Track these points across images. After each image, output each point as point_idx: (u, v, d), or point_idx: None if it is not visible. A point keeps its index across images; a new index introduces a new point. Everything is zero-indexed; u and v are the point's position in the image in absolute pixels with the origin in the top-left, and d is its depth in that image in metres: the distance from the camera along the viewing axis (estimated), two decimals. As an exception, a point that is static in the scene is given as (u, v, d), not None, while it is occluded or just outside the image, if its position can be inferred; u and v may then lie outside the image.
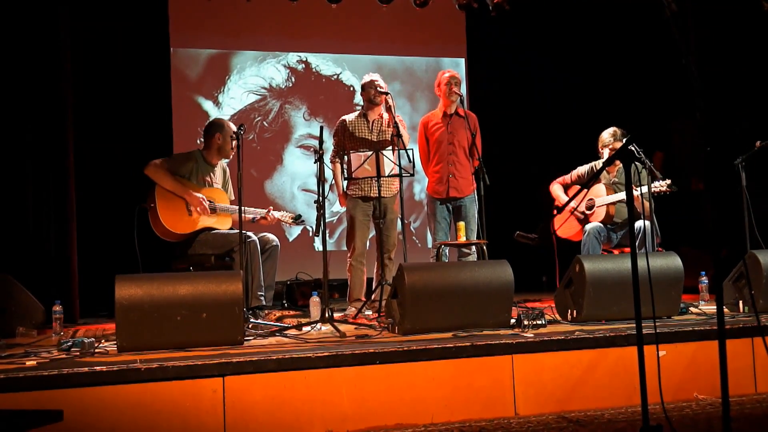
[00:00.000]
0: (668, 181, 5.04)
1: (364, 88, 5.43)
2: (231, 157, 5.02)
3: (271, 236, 4.93)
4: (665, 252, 4.44)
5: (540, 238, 3.96)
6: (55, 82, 5.85)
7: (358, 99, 7.43)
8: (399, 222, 5.35)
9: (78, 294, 5.84)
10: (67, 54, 5.94)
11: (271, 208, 5.06)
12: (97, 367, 3.09)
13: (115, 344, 3.59)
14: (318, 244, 7.43)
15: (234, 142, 4.81)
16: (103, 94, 6.82)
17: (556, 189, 5.68)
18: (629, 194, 2.75)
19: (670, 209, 6.05)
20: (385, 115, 5.40)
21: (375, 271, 5.42)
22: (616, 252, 5.46)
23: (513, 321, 4.02)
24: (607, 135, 5.46)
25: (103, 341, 3.90)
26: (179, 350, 3.50)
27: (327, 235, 4.39)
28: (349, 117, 5.49)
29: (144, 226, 4.67)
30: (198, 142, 6.74)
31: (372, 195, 5.32)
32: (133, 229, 4.53)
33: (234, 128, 4.86)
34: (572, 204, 5.46)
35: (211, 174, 5.00)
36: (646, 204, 5.03)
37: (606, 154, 5.45)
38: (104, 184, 6.72)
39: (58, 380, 3.01)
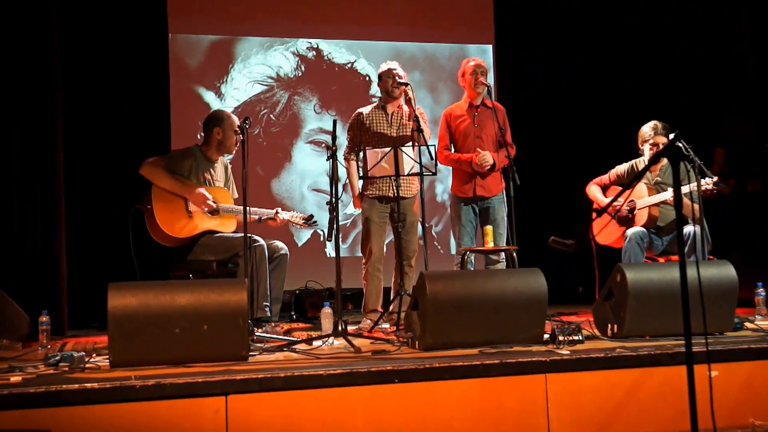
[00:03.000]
0: (714, 179, 5.00)
1: (382, 77, 5.43)
2: (234, 152, 5.03)
3: (279, 244, 4.93)
4: (717, 260, 4.41)
5: (577, 245, 3.93)
6: (43, 72, 5.87)
7: (375, 90, 7.47)
8: (420, 225, 5.34)
9: (67, 303, 5.86)
10: (56, 41, 5.98)
11: (279, 209, 5.08)
12: (88, 384, 3.09)
13: (107, 359, 3.59)
14: (330, 250, 7.44)
15: (237, 137, 4.84)
16: (96, 84, 6.85)
17: (594, 190, 5.66)
18: (677, 196, 2.72)
19: (722, 212, 5.99)
20: (405, 108, 5.40)
21: (393, 279, 5.43)
22: (661, 260, 5.42)
23: (546, 336, 4.01)
24: (647, 129, 5.43)
25: (94, 355, 3.90)
26: (178, 366, 3.50)
27: (340, 239, 4.38)
28: (366, 110, 5.49)
29: (140, 229, 4.68)
30: (198, 136, 6.77)
31: (390, 195, 5.31)
32: (128, 232, 4.55)
33: (237, 121, 4.88)
34: (612, 206, 5.42)
35: (212, 171, 5.01)
36: (696, 206, 4.99)
37: (647, 150, 5.43)
38: (96, 184, 6.76)
39: (45, 398, 3.02)
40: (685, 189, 4.95)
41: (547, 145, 7.80)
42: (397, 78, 5.30)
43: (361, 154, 5.29)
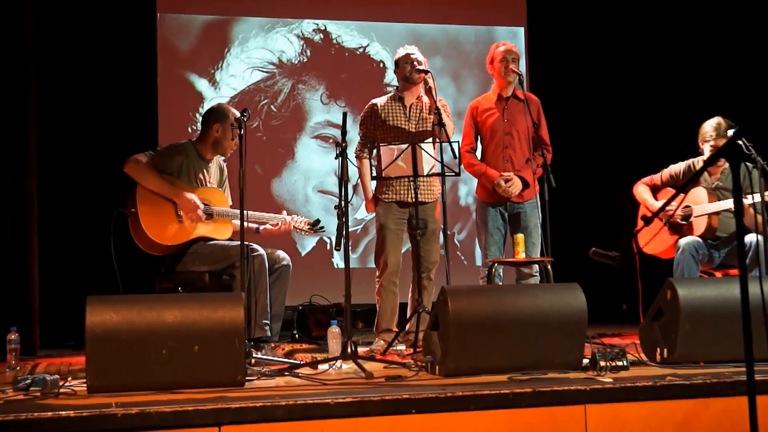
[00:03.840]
0: None
1: (398, 64, 5.45)
2: (229, 154, 5.06)
3: (281, 253, 4.95)
4: (783, 275, 4.39)
5: (622, 256, 3.92)
6: (14, 58, 5.91)
7: (391, 77, 7.49)
8: (441, 233, 5.35)
9: (39, 319, 5.90)
10: (30, 19, 6.00)
11: (285, 213, 5.09)
12: (63, 412, 3.09)
13: (84, 383, 3.59)
14: (338, 260, 7.45)
15: (234, 131, 4.83)
16: (74, 70, 6.94)
17: (643, 191, 5.65)
18: (737, 200, 2.72)
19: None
20: (425, 99, 5.41)
21: (410, 295, 5.45)
22: (718, 274, 5.41)
23: (586, 361, 4.00)
24: (709, 128, 5.42)
25: (69, 379, 3.90)
26: (165, 392, 3.50)
27: (350, 248, 4.39)
28: (380, 101, 5.52)
29: (123, 235, 4.72)
30: (189, 130, 6.81)
31: (408, 200, 5.34)
32: (109, 239, 4.59)
33: (237, 115, 4.89)
34: (664, 212, 5.40)
35: (205, 171, 5.05)
36: (759, 215, 4.97)
37: (707, 150, 5.43)
38: (74, 183, 6.86)
39: (14, 427, 3.02)
40: (747, 201, 4.93)
41: (588, 141, 7.80)
42: (416, 64, 5.32)
43: (375, 151, 5.31)
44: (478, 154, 5.61)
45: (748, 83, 7.15)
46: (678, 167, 5.64)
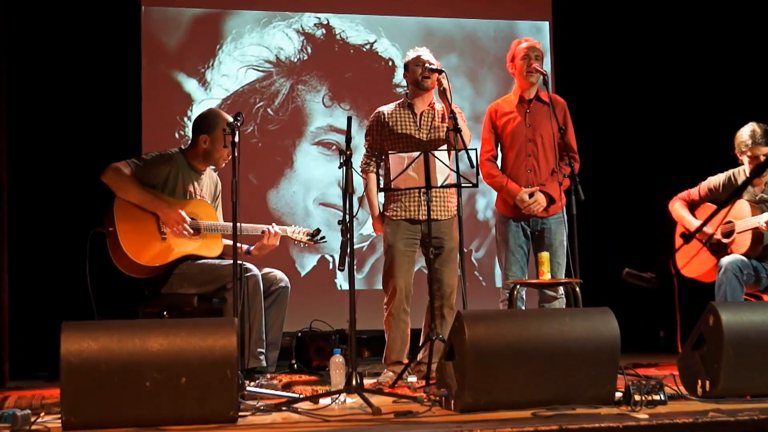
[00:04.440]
0: None
1: (408, 67, 5.48)
2: (222, 165, 5.05)
3: (278, 273, 4.95)
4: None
5: (658, 278, 3.91)
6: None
7: (400, 78, 7.47)
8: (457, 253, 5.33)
9: (8, 347, 5.89)
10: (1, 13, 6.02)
11: (274, 224, 5.08)
12: (35, 452, 3.11)
13: (59, 419, 3.57)
14: (342, 281, 7.44)
15: (227, 138, 4.78)
16: (48, 70, 6.93)
17: (680, 208, 5.64)
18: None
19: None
20: (438, 106, 5.41)
21: (423, 321, 5.43)
22: (766, 297, 5.37)
23: (619, 395, 3.97)
24: (744, 137, 5.43)
25: (42, 414, 3.91)
26: (148, 429, 3.49)
27: (355, 268, 4.38)
28: (387, 108, 5.54)
29: (101, 255, 4.72)
30: (177, 136, 6.81)
31: (419, 217, 5.33)
32: (85, 260, 4.57)
33: (230, 120, 4.87)
34: (705, 229, 5.36)
35: (195, 183, 5.04)
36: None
37: (747, 162, 5.42)
38: (47, 197, 6.86)
39: (-18, 469, 3.04)
40: None
41: (619, 149, 7.79)
42: (427, 65, 5.31)
43: (383, 163, 5.31)
44: (499, 162, 5.60)
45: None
46: (717, 179, 5.63)
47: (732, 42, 7.51)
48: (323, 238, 5.19)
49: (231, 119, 4.72)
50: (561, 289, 5.38)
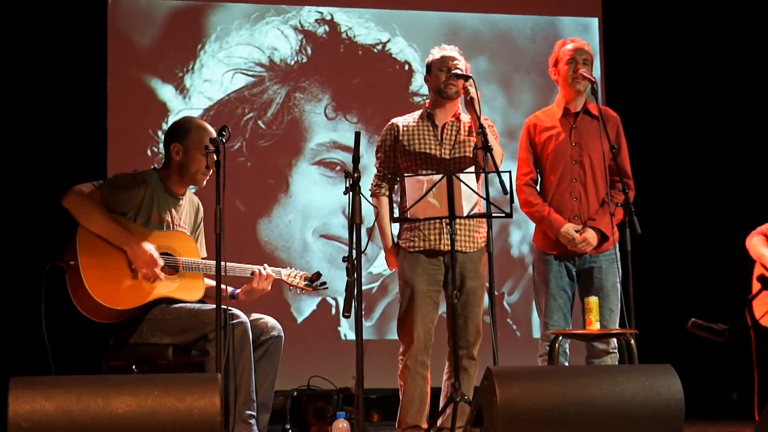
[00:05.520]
0: None
1: (431, 69, 5.36)
2: (203, 184, 5.03)
3: (270, 320, 4.86)
4: None
5: (731, 330, 3.89)
6: None
7: (418, 85, 7.50)
8: (486, 294, 5.32)
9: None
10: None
11: (266, 266, 5.06)
12: None
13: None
14: (347, 330, 7.43)
15: (210, 158, 4.78)
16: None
17: (759, 244, 5.61)
18: None
19: None
20: (464, 118, 5.39)
21: (444, 378, 5.35)
22: None
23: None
24: None
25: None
26: None
27: (363, 314, 4.38)
28: (403, 120, 5.40)
29: (59, 296, 4.61)
30: (149, 153, 6.83)
31: (442, 248, 5.25)
32: (40, 300, 4.57)
33: (213, 133, 4.87)
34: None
35: (173, 210, 4.91)
36: None
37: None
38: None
39: None
40: None
41: (683, 173, 7.76)
42: (454, 70, 5.25)
43: (397, 186, 5.31)
44: (538, 187, 5.55)
45: None
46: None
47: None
48: (324, 284, 5.15)
49: (215, 133, 4.69)
50: (613, 342, 5.25)
